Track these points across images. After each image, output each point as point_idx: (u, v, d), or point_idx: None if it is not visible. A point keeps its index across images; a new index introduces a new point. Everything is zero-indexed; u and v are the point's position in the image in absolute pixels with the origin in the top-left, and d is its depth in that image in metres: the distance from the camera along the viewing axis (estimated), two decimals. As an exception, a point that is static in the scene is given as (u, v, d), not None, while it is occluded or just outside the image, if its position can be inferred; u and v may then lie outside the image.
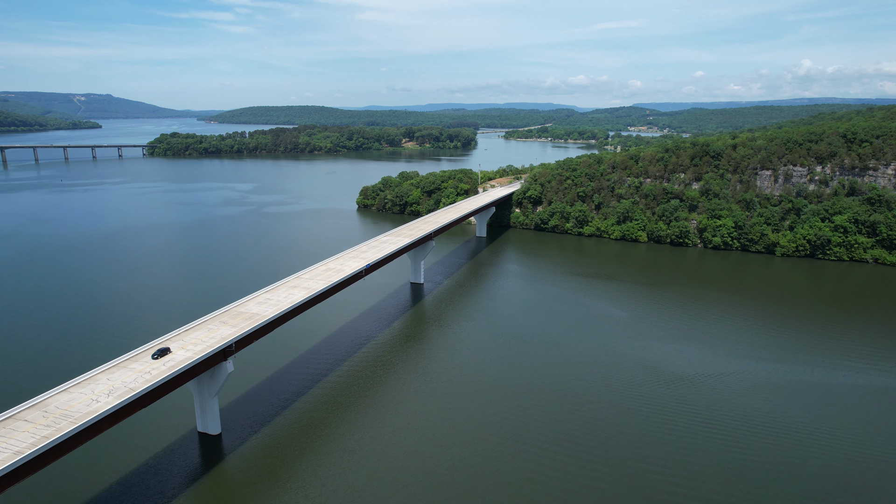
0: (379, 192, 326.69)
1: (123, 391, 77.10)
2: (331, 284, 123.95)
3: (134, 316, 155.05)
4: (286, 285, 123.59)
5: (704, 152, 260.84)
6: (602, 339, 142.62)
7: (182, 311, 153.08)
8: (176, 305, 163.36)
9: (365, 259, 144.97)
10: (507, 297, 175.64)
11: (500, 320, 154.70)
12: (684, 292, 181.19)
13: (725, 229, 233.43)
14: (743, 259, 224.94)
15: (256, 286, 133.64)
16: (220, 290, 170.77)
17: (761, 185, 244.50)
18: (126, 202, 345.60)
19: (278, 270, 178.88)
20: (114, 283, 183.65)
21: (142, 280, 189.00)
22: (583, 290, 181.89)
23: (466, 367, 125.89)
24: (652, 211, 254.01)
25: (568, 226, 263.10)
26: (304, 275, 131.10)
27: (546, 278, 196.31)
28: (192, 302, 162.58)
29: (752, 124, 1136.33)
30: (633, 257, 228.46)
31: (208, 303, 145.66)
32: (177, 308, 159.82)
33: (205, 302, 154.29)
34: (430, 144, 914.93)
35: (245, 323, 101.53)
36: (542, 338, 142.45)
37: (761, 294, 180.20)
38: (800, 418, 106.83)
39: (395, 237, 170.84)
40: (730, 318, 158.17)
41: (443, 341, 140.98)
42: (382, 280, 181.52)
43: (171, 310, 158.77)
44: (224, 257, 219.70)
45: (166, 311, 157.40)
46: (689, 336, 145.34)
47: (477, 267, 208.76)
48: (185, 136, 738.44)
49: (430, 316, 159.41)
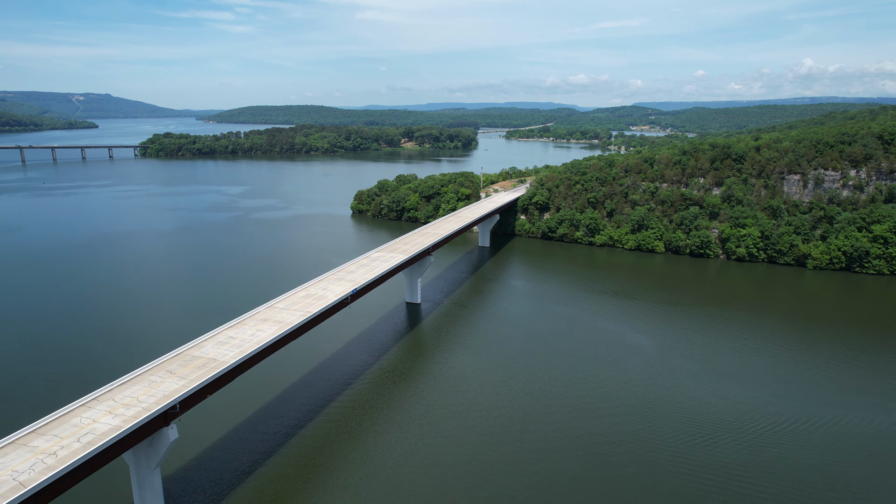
0: (374, 197, 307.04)
1: (12, 486, 57.60)
2: (309, 317, 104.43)
3: (65, 361, 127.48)
4: (255, 318, 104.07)
5: (725, 155, 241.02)
6: (625, 375, 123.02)
7: (127, 353, 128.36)
8: (120, 345, 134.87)
9: (352, 282, 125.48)
10: (514, 320, 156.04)
11: (507, 351, 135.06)
12: (713, 314, 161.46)
13: (751, 239, 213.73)
14: (770, 272, 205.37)
15: (223, 316, 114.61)
16: (180, 324, 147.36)
17: (789, 190, 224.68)
18: (107, 207, 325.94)
19: (253, 294, 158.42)
20: (61, 312, 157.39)
21: (95, 307, 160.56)
22: (598, 312, 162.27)
23: (469, 418, 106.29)
24: (669, 219, 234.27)
25: (578, 234, 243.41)
26: (279, 303, 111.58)
27: (556, 296, 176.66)
28: (143, 339, 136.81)
29: (756, 123, 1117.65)
30: (651, 270, 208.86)
31: (161, 341, 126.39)
32: (120, 350, 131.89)
33: (158, 340, 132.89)
34: (430, 144, 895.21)
35: (196, 373, 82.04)
36: (554, 373, 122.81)
37: (801, 316, 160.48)
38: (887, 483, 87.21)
39: (388, 253, 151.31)
40: (769, 347, 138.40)
41: (442, 380, 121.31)
42: (374, 300, 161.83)
43: (111, 352, 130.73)
44: (197, 275, 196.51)
45: (105, 355, 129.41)
46: (726, 371, 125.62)
47: (480, 283, 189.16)
48: (178, 137, 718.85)
49: (428, 345, 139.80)
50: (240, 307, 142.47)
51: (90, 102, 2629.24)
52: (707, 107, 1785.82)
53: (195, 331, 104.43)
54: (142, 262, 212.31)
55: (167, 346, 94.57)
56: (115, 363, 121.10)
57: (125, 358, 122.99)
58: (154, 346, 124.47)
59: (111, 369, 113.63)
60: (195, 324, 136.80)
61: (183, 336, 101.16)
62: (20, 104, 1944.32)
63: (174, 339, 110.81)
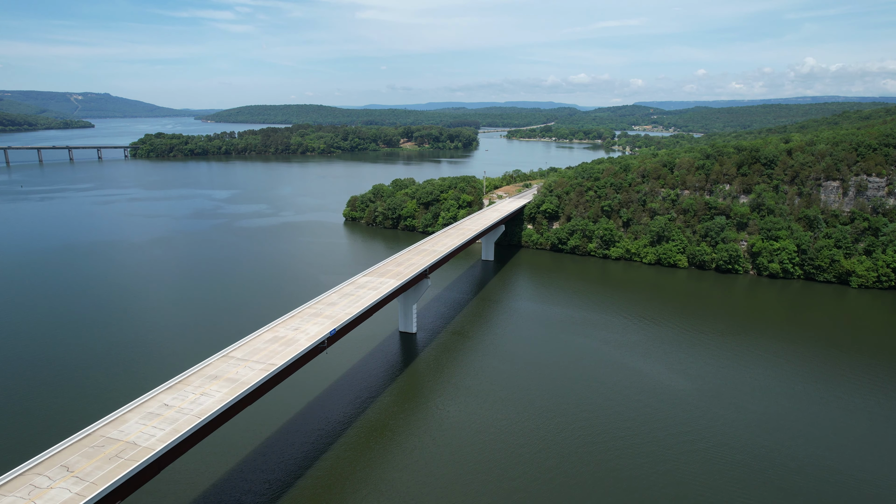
0: (369, 203, 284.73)
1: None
2: (270, 374, 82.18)
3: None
4: (203, 374, 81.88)
5: (753, 159, 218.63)
6: (662, 433, 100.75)
7: (29, 426, 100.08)
8: (26, 414, 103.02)
9: (331, 318, 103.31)
10: (520, 353, 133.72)
11: (515, 398, 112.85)
12: (763, 346, 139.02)
13: (786, 254, 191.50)
14: (808, 291, 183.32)
15: (168, 365, 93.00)
16: (111, 378, 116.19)
17: (826, 198, 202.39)
18: (80, 214, 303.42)
19: (213, 329, 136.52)
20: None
21: (17, 350, 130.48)
22: (619, 343, 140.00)
23: (472, 493, 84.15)
24: (692, 230, 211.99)
25: (591, 247, 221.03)
26: (236, 352, 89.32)
27: (568, 322, 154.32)
28: (56, 403, 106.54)
29: (760, 123, 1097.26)
30: (674, 289, 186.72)
31: (76, 407, 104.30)
32: (22, 423, 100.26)
33: (73, 405, 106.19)
34: (430, 145, 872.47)
35: (104, 470, 59.98)
36: (576, 434, 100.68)
37: (868, 348, 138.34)
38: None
39: (377, 277, 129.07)
40: (851, 396, 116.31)
41: (442, 440, 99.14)
42: (363, 329, 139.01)
43: (12, 425, 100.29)
44: (154, 304, 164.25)
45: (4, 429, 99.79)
46: (805, 433, 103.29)
47: (482, 306, 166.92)
48: (169, 137, 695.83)
49: (421, 390, 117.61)
50: (193, 350, 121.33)
51: (89, 102, 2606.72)
52: (709, 106, 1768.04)
53: (129, 387, 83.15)
54: (92, 285, 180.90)
55: (82, 416, 72.83)
56: (9, 445, 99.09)
57: (23, 436, 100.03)
58: (66, 416, 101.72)
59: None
60: (129, 379, 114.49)
61: (110, 397, 79.65)
62: (17, 103, 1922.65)
63: (96, 403, 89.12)
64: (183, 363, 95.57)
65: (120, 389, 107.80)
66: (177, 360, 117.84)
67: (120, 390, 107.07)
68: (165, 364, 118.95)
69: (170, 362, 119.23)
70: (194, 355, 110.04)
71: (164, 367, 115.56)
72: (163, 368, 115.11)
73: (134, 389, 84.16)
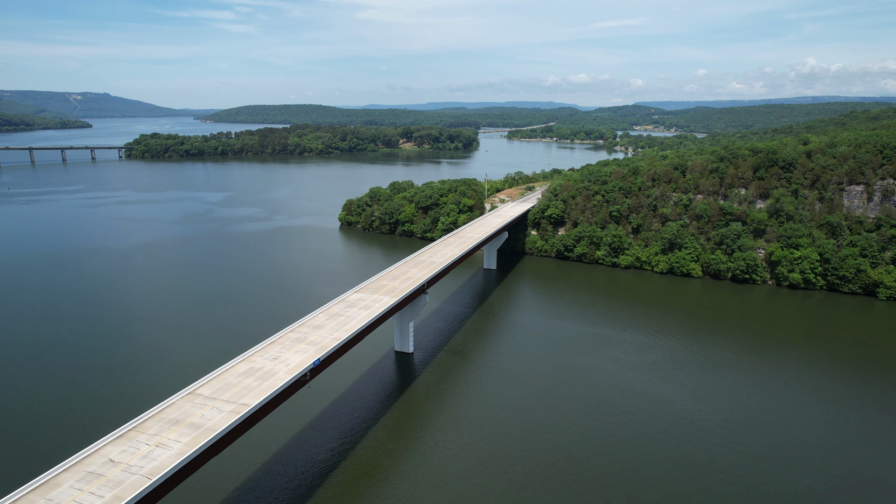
0: (365, 207, 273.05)
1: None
2: (239, 419, 70.48)
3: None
4: (162, 420, 70.21)
5: (771, 161, 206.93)
6: (692, 479, 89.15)
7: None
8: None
9: (317, 345, 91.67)
10: (529, 380, 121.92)
11: (522, 435, 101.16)
12: (790, 366, 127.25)
13: (808, 263, 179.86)
14: (833, 303, 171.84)
15: (124, 407, 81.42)
16: (50, 430, 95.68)
17: (850, 204, 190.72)
18: (66, 218, 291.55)
19: (181, 362, 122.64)
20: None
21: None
22: (635, 364, 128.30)
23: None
24: (706, 237, 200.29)
25: (599, 254, 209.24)
26: (204, 388, 77.68)
27: (580, 341, 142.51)
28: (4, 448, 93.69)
29: (763, 123, 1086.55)
30: (689, 300, 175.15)
31: (9, 469, 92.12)
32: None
33: (15, 453, 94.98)
34: (430, 145, 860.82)
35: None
36: (595, 482, 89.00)
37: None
38: None
39: (370, 294, 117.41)
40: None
41: (441, 483, 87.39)
42: (356, 349, 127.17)
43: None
44: (122, 324, 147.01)
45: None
46: (846, 471, 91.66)
47: (484, 320, 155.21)
48: (164, 138, 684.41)
49: (420, 420, 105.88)
50: (157, 383, 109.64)
51: (88, 102, 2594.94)
52: (710, 106, 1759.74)
53: (74, 432, 71.29)
54: (59, 299, 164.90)
55: (8, 479, 61.13)
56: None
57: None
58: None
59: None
60: (75, 422, 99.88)
61: (49, 448, 68.01)
62: (16, 103, 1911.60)
63: (29, 457, 76.55)
64: (143, 400, 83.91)
65: (61, 438, 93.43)
66: (136, 396, 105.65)
67: (61, 439, 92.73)
68: (119, 402, 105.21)
69: (127, 398, 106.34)
70: (157, 390, 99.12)
71: (117, 406, 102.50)
72: (116, 407, 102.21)
73: (79, 435, 71.78)
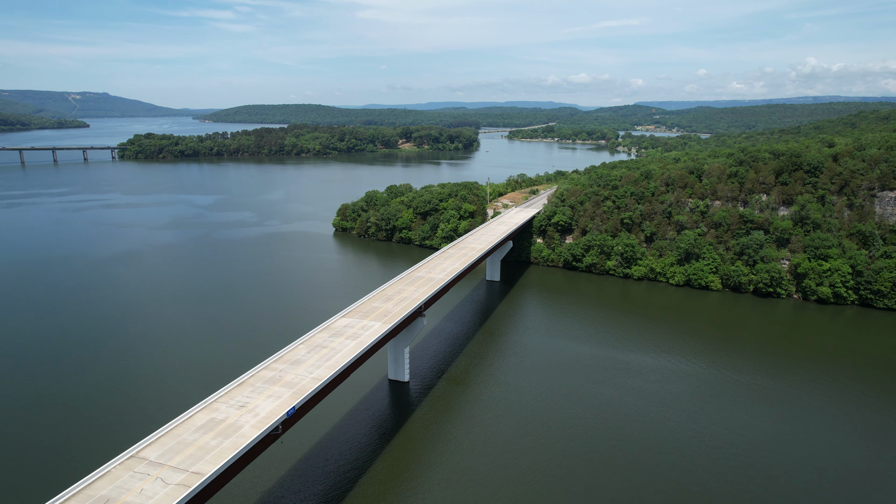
0: (361, 213, 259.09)
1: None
2: (189, 495, 56.48)
3: None
4: (92, 495, 56.21)
5: (794, 165, 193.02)
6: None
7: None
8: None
9: (293, 387, 77.73)
10: (541, 417, 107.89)
11: (528, 486, 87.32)
12: (832, 392, 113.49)
13: (838, 276, 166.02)
14: (866, 319, 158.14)
15: (54, 475, 67.31)
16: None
17: (883, 211, 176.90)
18: (47, 223, 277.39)
19: (132, 410, 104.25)
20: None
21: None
22: (662, 398, 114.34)
23: None
24: (725, 246, 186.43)
25: (610, 265, 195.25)
26: (150, 449, 63.62)
27: (594, 367, 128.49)
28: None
29: (765, 124, 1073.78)
30: (709, 317, 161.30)
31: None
32: None
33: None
34: (429, 146, 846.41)
35: None
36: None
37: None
38: None
39: (360, 319, 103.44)
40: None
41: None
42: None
43: None
44: (77, 356, 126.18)
45: None
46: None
47: (486, 342, 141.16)
48: (159, 138, 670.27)
49: (416, 468, 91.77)
50: (98, 440, 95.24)
51: (87, 101, 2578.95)
52: (711, 106, 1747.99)
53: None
54: (16, 320, 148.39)
55: None
56: None
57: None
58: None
59: None
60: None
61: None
62: (14, 103, 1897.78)
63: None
64: (75, 467, 69.12)
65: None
66: (71, 459, 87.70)
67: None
68: (45, 469, 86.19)
69: (52, 466, 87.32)
70: (93, 453, 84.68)
71: (44, 475, 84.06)
72: (43, 473, 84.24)
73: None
